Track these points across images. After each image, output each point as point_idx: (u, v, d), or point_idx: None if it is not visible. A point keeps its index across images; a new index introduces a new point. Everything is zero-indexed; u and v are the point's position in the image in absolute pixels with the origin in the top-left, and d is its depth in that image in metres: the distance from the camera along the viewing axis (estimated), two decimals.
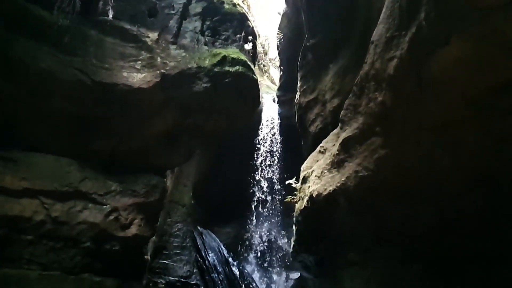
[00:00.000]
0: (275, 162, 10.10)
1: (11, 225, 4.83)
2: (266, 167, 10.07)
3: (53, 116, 5.47)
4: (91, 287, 5.31)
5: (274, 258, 10.89)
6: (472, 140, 2.29)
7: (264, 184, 10.10)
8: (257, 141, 10.12)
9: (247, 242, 10.82)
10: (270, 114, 10.30)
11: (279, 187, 9.94)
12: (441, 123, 2.34)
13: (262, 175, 10.07)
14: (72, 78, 5.31)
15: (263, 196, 10.11)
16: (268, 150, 10.08)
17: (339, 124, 3.74)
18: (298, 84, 5.73)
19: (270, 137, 10.16)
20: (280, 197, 9.77)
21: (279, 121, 10.15)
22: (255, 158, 10.08)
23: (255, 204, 10.17)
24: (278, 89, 10.77)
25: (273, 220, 10.57)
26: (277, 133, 10.12)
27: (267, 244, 11.01)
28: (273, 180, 10.10)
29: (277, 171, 10.07)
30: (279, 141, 10.09)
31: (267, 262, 10.80)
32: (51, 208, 5.18)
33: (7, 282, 4.68)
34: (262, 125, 10.20)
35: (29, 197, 5.08)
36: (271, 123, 10.22)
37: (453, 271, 2.84)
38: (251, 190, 10.12)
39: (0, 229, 4.75)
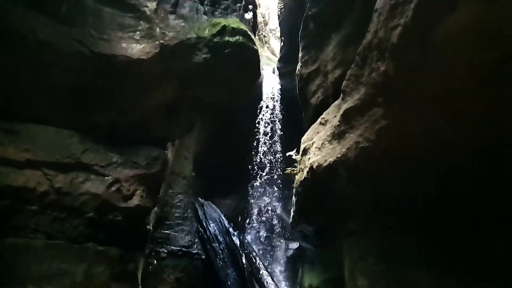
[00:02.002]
0: (276, 134, 10.11)
1: (15, 196, 4.92)
2: (266, 139, 10.08)
3: (53, 88, 5.43)
4: (94, 255, 5.46)
5: (273, 229, 11.11)
6: (476, 110, 2.27)
7: (265, 156, 10.15)
8: (257, 114, 10.08)
9: (247, 213, 11.00)
10: (270, 86, 10.20)
11: (279, 159, 10.00)
12: (444, 92, 2.32)
13: (262, 147, 10.10)
14: (71, 49, 5.24)
15: (263, 168, 10.19)
16: (269, 122, 10.06)
17: (341, 95, 3.71)
18: (299, 55, 5.64)
19: (271, 109, 10.12)
20: (280, 169, 9.85)
21: (280, 93, 10.06)
22: (255, 131, 10.07)
23: (255, 176, 10.26)
24: (279, 61, 10.61)
25: (273, 192, 10.70)
26: (278, 105, 10.06)
27: (267, 215, 11.20)
28: (273, 152, 10.15)
29: (278, 143, 10.10)
30: (279, 113, 10.05)
31: (266, 233, 11.03)
32: (54, 179, 5.25)
33: (14, 250, 4.82)
34: (263, 97, 10.13)
35: (32, 168, 5.13)
36: (271, 95, 10.14)
37: (452, 241, 2.88)
38: (252, 162, 10.17)
39: (5, 199, 4.84)
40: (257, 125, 10.05)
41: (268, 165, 10.19)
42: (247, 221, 10.89)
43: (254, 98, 9.96)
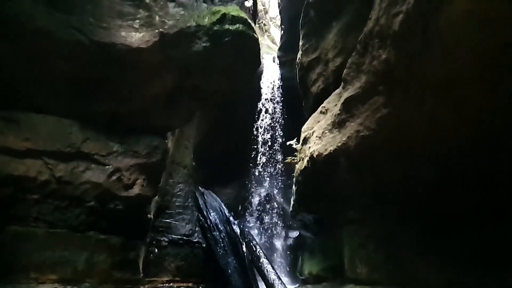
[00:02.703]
0: (276, 123, 10.10)
1: (17, 185, 4.94)
2: (266, 128, 10.08)
3: (52, 77, 5.40)
4: (96, 244, 5.50)
5: (274, 218, 11.18)
6: (477, 98, 2.27)
7: (265, 145, 10.16)
8: (257, 103, 10.06)
9: (247, 203, 11.06)
10: (270, 75, 10.16)
11: (279, 148, 10.01)
12: (446, 81, 2.31)
13: (262, 137, 10.10)
14: (70, 38, 5.19)
15: (263, 158, 10.21)
16: (269, 112, 10.05)
17: (342, 83, 3.70)
18: (300, 43, 5.59)
19: (271, 99, 10.09)
20: (280, 158, 9.87)
21: (280, 82, 10.03)
22: (255, 120, 10.07)
23: (255, 165, 10.28)
24: (279, 49, 10.54)
25: (273, 181, 10.74)
26: (278, 94, 10.03)
27: (267, 205, 11.26)
28: (274, 142, 10.15)
29: (278, 132, 10.10)
30: (279, 102, 10.03)
31: (267, 222, 11.10)
32: (54, 168, 5.26)
33: (17, 238, 4.87)
34: (263, 86, 10.09)
35: (33, 158, 5.14)
36: (271, 84, 10.10)
37: (452, 229, 2.90)
38: (252, 152, 10.20)
39: (6, 188, 4.86)
40: (257, 114, 10.04)
41: (268, 154, 10.21)
42: (248, 210, 10.95)
43: (254, 87, 9.93)
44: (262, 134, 10.09)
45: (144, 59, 5.75)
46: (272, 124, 10.08)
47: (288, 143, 5.80)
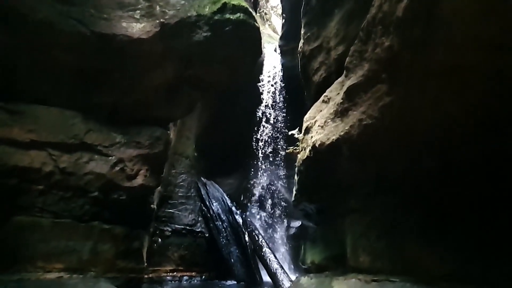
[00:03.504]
0: (277, 113, 10.08)
1: (21, 176, 4.98)
2: (268, 118, 10.07)
3: (54, 69, 5.40)
4: (100, 234, 5.56)
5: (275, 208, 11.24)
6: (481, 85, 2.25)
7: (266, 135, 10.16)
8: (259, 93, 10.03)
9: (249, 193, 11.11)
10: (272, 64, 10.11)
11: (281, 138, 10.01)
12: (449, 67, 2.29)
13: (264, 127, 10.10)
14: (71, 29, 5.17)
15: (265, 148, 10.22)
16: (270, 102, 10.03)
17: (344, 72, 3.68)
18: (302, 32, 5.55)
19: (272, 88, 10.06)
20: (282, 148, 9.88)
21: (281, 71, 9.98)
22: (257, 110, 10.05)
23: (257, 155, 10.30)
24: (280, 39, 10.47)
25: (275, 171, 10.77)
26: (279, 84, 9.99)
27: (269, 195, 11.31)
28: (275, 132, 10.15)
29: (279, 122, 10.09)
30: (281, 92, 9.99)
31: (269, 212, 11.16)
32: (58, 160, 5.29)
33: (23, 228, 4.93)
34: (264, 76, 10.05)
35: (37, 149, 5.17)
36: (273, 73, 10.06)
37: (455, 218, 2.89)
38: (253, 142, 10.20)
39: (12, 179, 4.90)
40: (258, 104, 10.03)
41: (270, 144, 10.21)
42: (250, 200, 11.01)
43: (256, 77, 9.89)
44: (264, 124, 10.08)
45: (145, 50, 5.73)
46: (274, 114, 10.07)
47: (290, 133, 5.79)
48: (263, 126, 10.07)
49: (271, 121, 10.09)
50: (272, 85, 10.03)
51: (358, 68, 3.26)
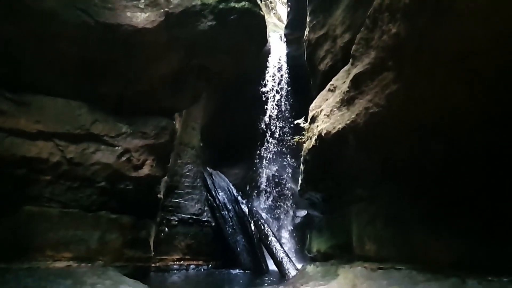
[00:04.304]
0: (283, 103, 10.05)
1: (29, 166, 5.03)
2: (273, 108, 10.04)
3: (59, 59, 5.40)
4: (108, 223, 5.62)
5: (281, 198, 11.28)
6: (490, 72, 2.22)
7: (272, 125, 10.15)
8: (264, 82, 9.99)
9: (254, 183, 11.14)
10: (277, 53, 10.03)
11: (287, 128, 9.99)
12: (458, 55, 2.26)
13: (269, 117, 10.08)
14: (76, 20, 5.15)
15: (270, 138, 10.21)
16: (276, 91, 9.98)
17: (350, 60, 3.64)
18: (307, 20, 5.49)
19: (278, 78, 10.00)
20: (288, 138, 9.86)
21: (287, 60, 9.91)
22: (262, 100, 10.02)
23: (262, 145, 10.30)
24: (286, 27, 10.36)
25: (280, 161, 10.77)
26: (285, 73, 9.93)
27: (274, 184, 11.34)
28: (281, 121, 10.13)
29: (285, 111, 10.06)
30: (286, 81, 9.94)
31: (274, 201, 11.20)
32: (65, 150, 5.34)
33: (32, 218, 5.00)
34: (269, 65, 9.99)
35: (44, 140, 5.21)
36: (278, 63, 9.99)
37: (461, 205, 2.88)
38: (259, 132, 10.19)
39: (20, 169, 4.96)
40: (264, 94, 9.99)
41: (276, 134, 10.20)
42: (255, 190, 11.05)
43: (261, 66, 9.83)
44: (269, 113, 10.05)
45: (150, 40, 5.71)
46: (280, 104, 10.03)
47: (295, 122, 5.78)
48: (269, 116, 10.04)
49: (277, 110, 10.06)
50: (277, 74, 9.98)
51: (365, 56, 3.22)
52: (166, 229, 7.94)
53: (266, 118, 10.06)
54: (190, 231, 8.35)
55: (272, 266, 7.88)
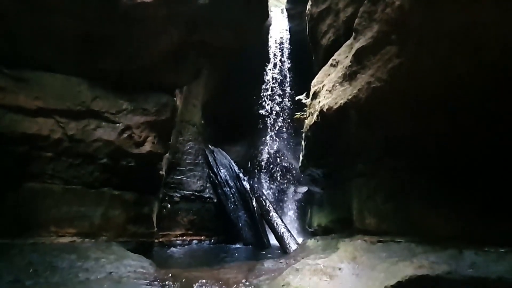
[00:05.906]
0: (285, 79, 9.95)
1: (31, 143, 5.02)
2: (275, 84, 9.96)
3: (57, 35, 5.30)
4: (111, 200, 5.66)
5: (282, 174, 11.35)
6: (495, 45, 2.18)
7: (274, 102, 10.09)
8: (266, 58, 9.86)
9: (256, 160, 11.19)
10: (279, 28, 9.86)
11: (288, 104, 9.94)
12: (462, 27, 2.21)
13: (271, 93, 10.01)
14: None
15: (272, 115, 10.17)
16: (278, 67, 9.87)
17: (353, 34, 3.58)
18: None
19: (280, 53, 9.87)
20: (289, 114, 9.83)
21: (289, 36, 9.75)
22: (264, 76, 9.92)
23: (264, 122, 10.28)
24: (287, 1, 10.11)
25: (282, 138, 10.77)
26: (287, 48, 9.79)
27: (276, 161, 11.39)
28: (283, 98, 10.07)
29: (287, 88, 9.98)
30: (288, 57, 9.81)
31: (276, 178, 11.28)
32: (66, 127, 5.32)
33: (34, 195, 5.03)
34: (271, 40, 9.84)
35: (44, 116, 5.18)
36: (280, 38, 9.83)
37: (462, 181, 2.91)
38: (260, 109, 10.15)
39: (22, 146, 4.95)
40: (265, 70, 9.89)
41: (278, 111, 10.16)
42: (257, 167, 11.11)
43: (262, 42, 9.69)
44: (271, 90, 9.98)
45: (150, 14, 5.60)
46: (281, 80, 9.94)
47: (297, 98, 5.75)
48: (270, 92, 9.97)
49: (279, 87, 9.98)
50: (279, 50, 9.84)
51: (367, 29, 3.17)
52: (169, 205, 8.03)
53: (268, 94, 10.00)
54: (192, 207, 8.45)
55: (273, 240, 8.02)
